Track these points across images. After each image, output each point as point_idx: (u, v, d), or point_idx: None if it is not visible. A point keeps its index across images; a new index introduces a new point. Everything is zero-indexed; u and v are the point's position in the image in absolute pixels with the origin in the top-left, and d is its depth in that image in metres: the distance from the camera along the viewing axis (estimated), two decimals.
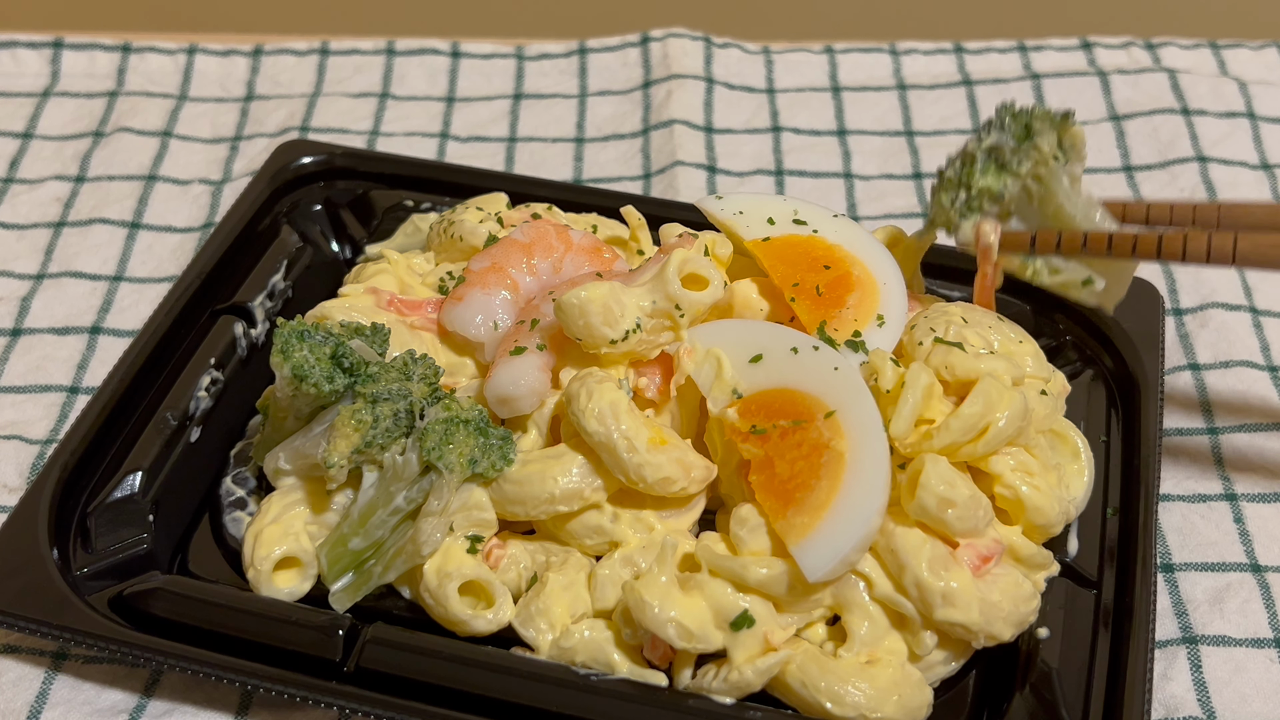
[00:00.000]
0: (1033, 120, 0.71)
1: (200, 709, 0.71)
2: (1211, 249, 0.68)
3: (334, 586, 0.71)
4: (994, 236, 0.71)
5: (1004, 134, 0.71)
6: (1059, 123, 0.72)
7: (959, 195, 0.71)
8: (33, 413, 0.86)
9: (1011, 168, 0.70)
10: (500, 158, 1.06)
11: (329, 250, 0.92)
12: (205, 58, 1.14)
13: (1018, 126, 0.71)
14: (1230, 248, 0.68)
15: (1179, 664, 0.73)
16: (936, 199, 0.73)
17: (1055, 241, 0.71)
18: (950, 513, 0.67)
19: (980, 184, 0.71)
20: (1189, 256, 0.69)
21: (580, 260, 0.80)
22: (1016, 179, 0.70)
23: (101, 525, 0.73)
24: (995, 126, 0.71)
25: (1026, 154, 0.70)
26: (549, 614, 0.69)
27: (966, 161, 0.71)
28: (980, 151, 0.71)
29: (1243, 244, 0.67)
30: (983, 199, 0.71)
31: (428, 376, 0.72)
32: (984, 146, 0.71)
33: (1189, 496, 0.81)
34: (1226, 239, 0.68)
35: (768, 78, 1.13)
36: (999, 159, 0.70)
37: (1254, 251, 0.67)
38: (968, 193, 0.71)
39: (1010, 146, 0.70)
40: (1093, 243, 0.70)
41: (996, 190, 0.70)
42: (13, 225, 1.00)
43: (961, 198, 0.71)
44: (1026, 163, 0.70)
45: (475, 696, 0.66)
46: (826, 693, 0.65)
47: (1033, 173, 0.70)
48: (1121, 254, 0.70)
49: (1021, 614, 0.68)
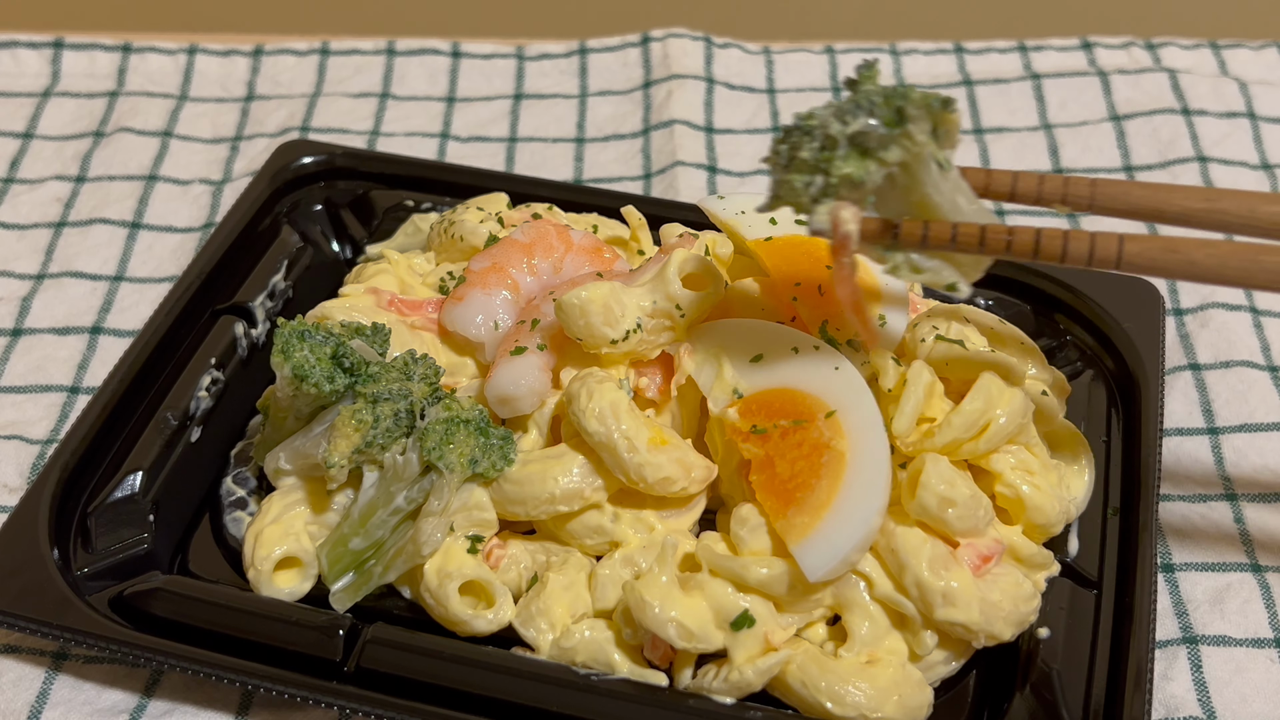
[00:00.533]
0: (907, 105, 0.61)
1: (200, 709, 0.71)
2: (1095, 252, 0.61)
3: (334, 586, 0.71)
4: (853, 225, 0.61)
5: (873, 120, 0.61)
6: (937, 110, 0.63)
7: (814, 180, 0.61)
8: (33, 413, 0.86)
9: (877, 154, 0.61)
10: (500, 158, 1.06)
11: (329, 250, 0.92)
12: (205, 58, 1.14)
13: (889, 110, 0.61)
14: (1115, 252, 0.60)
15: (1179, 664, 0.73)
16: (786, 179, 0.62)
17: (921, 234, 0.62)
18: (951, 512, 0.67)
19: (841, 171, 0.60)
20: (1069, 258, 0.61)
21: (581, 260, 0.80)
22: (882, 166, 0.61)
23: (102, 525, 0.73)
24: (862, 109, 0.61)
25: (896, 141, 0.61)
26: (549, 614, 0.69)
27: (827, 145, 0.61)
28: (843, 137, 0.61)
29: (1129, 247, 0.60)
30: (841, 186, 0.61)
31: (428, 376, 0.72)
32: (849, 132, 0.61)
33: (1189, 496, 0.81)
34: (1111, 241, 0.61)
35: (768, 78, 1.13)
36: (864, 144, 0.60)
37: (1140, 256, 0.61)
38: (825, 178, 0.61)
39: (879, 133, 0.60)
40: (963, 237, 0.61)
41: (858, 178, 0.60)
42: (13, 225, 1.00)
43: (818, 183, 0.61)
44: (895, 150, 0.61)
45: (475, 696, 0.66)
46: (827, 693, 0.65)
47: (900, 161, 0.61)
48: (994, 251, 0.62)
49: (1022, 614, 0.68)
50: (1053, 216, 0.99)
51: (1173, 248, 0.60)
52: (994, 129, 1.08)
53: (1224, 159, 1.03)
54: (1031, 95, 1.11)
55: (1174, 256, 0.60)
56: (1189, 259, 0.60)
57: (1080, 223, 0.99)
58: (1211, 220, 0.63)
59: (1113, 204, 0.64)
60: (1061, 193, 0.65)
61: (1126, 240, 0.61)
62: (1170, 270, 0.61)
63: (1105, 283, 0.86)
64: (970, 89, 1.12)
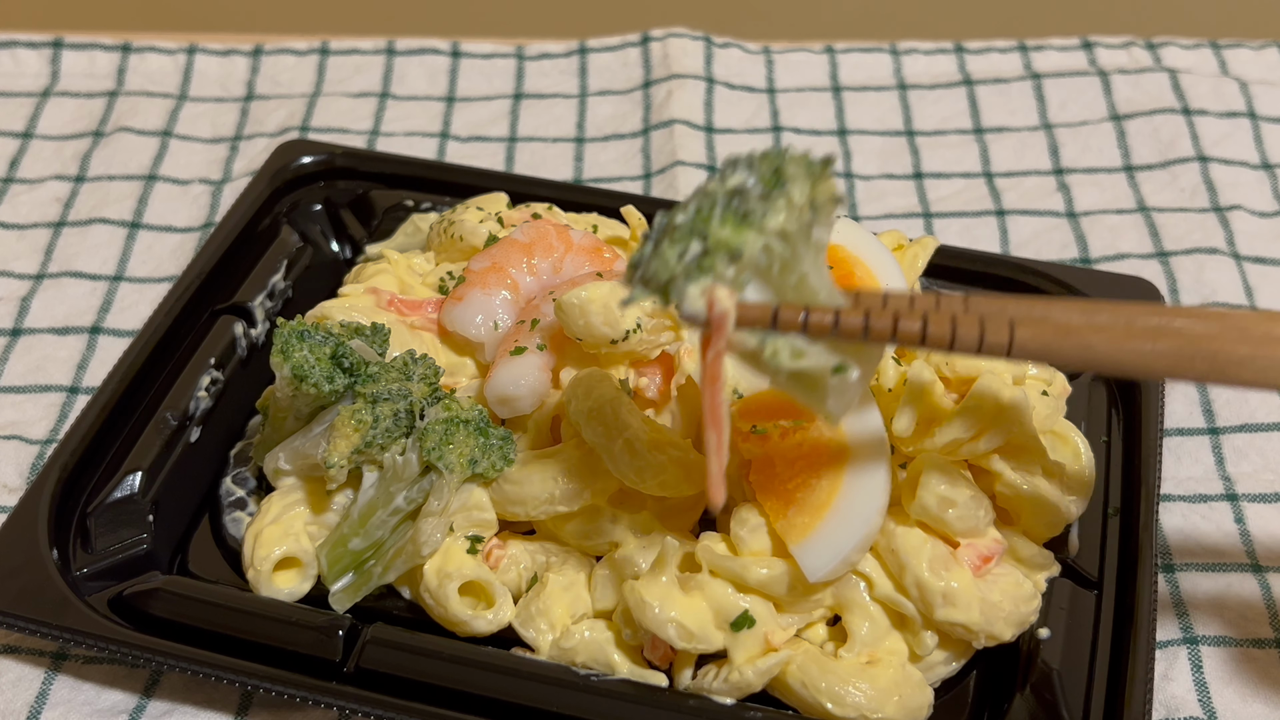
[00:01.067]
0: (785, 164, 0.57)
1: (200, 709, 0.71)
2: (985, 339, 0.57)
3: (334, 587, 0.71)
4: (730, 303, 0.56)
5: (750, 175, 0.57)
6: (816, 170, 0.58)
7: (689, 248, 0.56)
8: (33, 413, 0.86)
9: (755, 220, 0.56)
10: (500, 158, 1.06)
11: (329, 250, 0.92)
12: (205, 57, 1.14)
13: (766, 168, 0.57)
14: (1006, 339, 0.57)
15: (1180, 664, 0.73)
16: (659, 251, 0.57)
17: (801, 318, 0.56)
18: (951, 512, 0.67)
19: (718, 234, 0.56)
20: (958, 345, 0.57)
21: (580, 260, 0.80)
22: (760, 235, 0.56)
23: (101, 525, 0.73)
24: (741, 166, 0.58)
25: (774, 204, 0.56)
26: (549, 614, 0.69)
27: (704, 207, 0.56)
28: (722, 193, 0.56)
29: (1021, 333, 0.57)
30: (717, 257, 0.56)
31: (428, 376, 0.72)
32: (727, 188, 0.57)
33: (1189, 496, 0.81)
34: (1002, 327, 0.57)
35: (768, 77, 1.13)
36: (742, 206, 0.56)
37: (1033, 342, 0.57)
38: (702, 243, 0.56)
39: (757, 192, 0.56)
40: (846, 323, 0.57)
41: (735, 246, 0.55)
42: (13, 225, 1.00)
43: (694, 250, 0.56)
44: (774, 216, 0.56)
45: (475, 697, 0.66)
46: (827, 693, 0.65)
47: (780, 229, 0.56)
48: (879, 338, 0.57)
49: (1022, 614, 0.68)
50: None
51: (1066, 333, 0.57)
52: (994, 129, 1.08)
53: (1224, 159, 1.03)
54: (1032, 95, 1.11)
55: (1068, 342, 0.57)
56: (1084, 343, 0.57)
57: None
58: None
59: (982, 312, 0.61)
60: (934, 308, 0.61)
61: (1018, 326, 0.57)
62: (1065, 356, 0.58)
63: (1105, 282, 0.86)
64: (970, 89, 1.12)
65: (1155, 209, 1.00)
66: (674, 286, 0.56)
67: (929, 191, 1.03)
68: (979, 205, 1.01)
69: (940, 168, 1.05)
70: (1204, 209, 1.00)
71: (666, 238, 0.57)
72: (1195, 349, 0.57)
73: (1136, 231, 0.98)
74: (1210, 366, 0.57)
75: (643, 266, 0.57)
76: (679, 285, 0.56)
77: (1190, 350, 0.57)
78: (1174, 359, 0.57)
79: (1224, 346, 0.57)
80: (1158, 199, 1.01)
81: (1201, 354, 0.57)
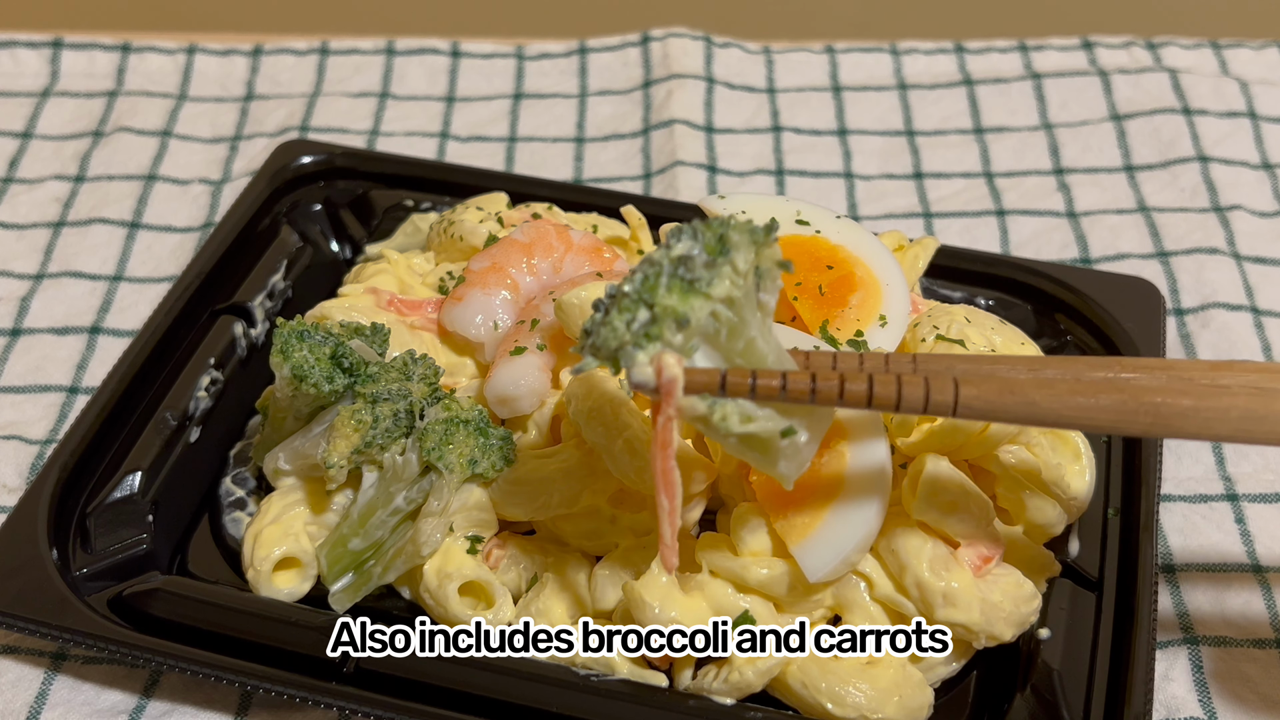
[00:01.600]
0: (729, 231, 0.58)
1: (200, 709, 0.70)
2: (930, 397, 0.57)
3: (334, 587, 0.71)
4: (678, 369, 0.56)
5: (695, 243, 0.58)
6: (760, 237, 0.58)
7: (637, 316, 0.57)
8: (32, 413, 0.86)
9: (701, 287, 0.57)
10: (500, 158, 1.06)
11: (329, 250, 0.92)
12: (205, 57, 1.14)
13: (710, 236, 0.58)
14: (951, 397, 0.57)
15: (1180, 664, 0.73)
16: (607, 320, 0.58)
17: (749, 383, 0.57)
18: (951, 512, 0.67)
19: (665, 302, 0.57)
20: (904, 405, 0.58)
21: (580, 260, 0.80)
22: (706, 301, 0.57)
23: (101, 525, 0.73)
24: (686, 234, 0.58)
25: (719, 271, 0.57)
26: (549, 614, 0.69)
27: (650, 275, 0.57)
28: (668, 261, 0.57)
29: (965, 391, 0.57)
30: (665, 324, 0.57)
31: (428, 376, 0.72)
32: (673, 255, 0.57)
33: (1189, 496, 0.81)
34: (947, 385, 0.58)
35: (768, 77, 1.13)
36: (688, 274, 0.57)
37: (977, 400, 0.57)
38: (650, 311, 0.57)
39: (702, 260, 0.57)
40: (793, 387, 0.57)
41: (682, 313, 0.56)
42: (12, 225, 1.00)
43: (641, 318, 0.57)
44: (719, 283, 0.57)
45: (475, 696, 0.66)
46: (827, 693, 0.65)
47: (726, 296, 0.57)
48: (826, 400, 0.58)
49: (1022, 614, 0.68)
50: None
51: (1010, 389, 0.58)
52: (994, 129, 1.08)
53: (1224, 159, 1.03)
54: (1032, 95, 1.11)
55: (1012, 398, 0.57)
56: (1028, 399, 0.57)
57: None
58: None
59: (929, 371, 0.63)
60: (883, 369, 0.63)
61: (962, 384, 0.58)
62: (1009, 413, 0.58)
63: (1105, 283, 0.86)
64: (970, 89, 1.12)
65: (1155, 209, 1.00)
66: (623, 354, 0.57)
67: (929, 191, 1.03)
68: (979, 205, 1.01)
69: (940, 168, 1.05)
70: (1204, 209, 1.00)
71: (615, 306, 0.58)
72: (1139, 403, 0.57)
73: (1137, 231, 0.98)
74: (1154, 420, 0.57)
75: (593, 335, 0.58)
76: (628, 352, 0.57)
77: (1134, 405, 0.57)
78: (1117, 414, 0.57)
79: (1167, 399, 0.57)
80: (1158, 199, 1.01)
81: (1144, 408, 0.57)
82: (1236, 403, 0.57)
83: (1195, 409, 0.57)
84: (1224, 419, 0.57)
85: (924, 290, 0.86)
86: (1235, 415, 0.56)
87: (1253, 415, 0.56)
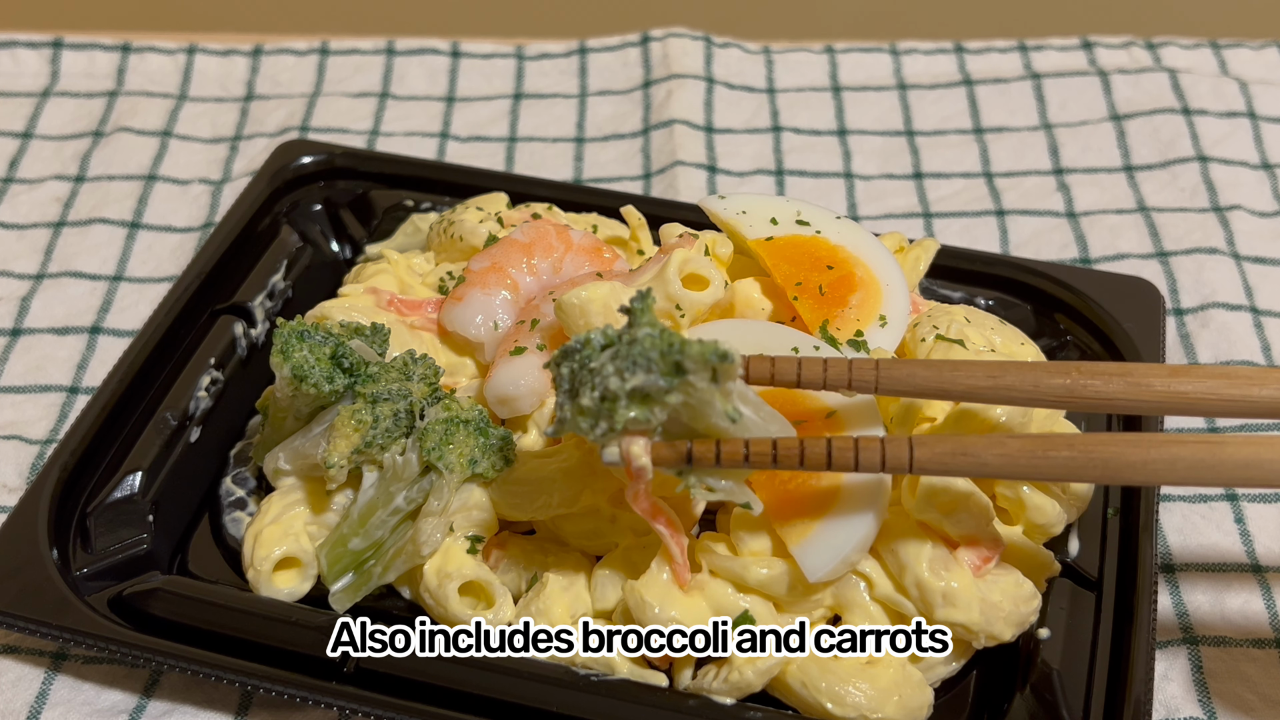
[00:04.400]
0: (684, 359, 0.59)
1: (200, 709, 0.71)
2: (886, 459, 0.60)
3: (334, 587, 0.71)
4: (645, 458, 0.61)
5: (651, 375, 0.60)
6: (716, 362, 0.60)
7: (599, 425, 0.61)
8: (32, 413, 0.86)
9: (658, 398, 0.60)
10: (500, 158, 1.06)
11: (329, 250, 0.92)
12: (205, 57, 1.14)
13: (666, 365, 0.60)
14: (906, 458, 0.60)
15: (1179, 664, 0.73)
16: (574, 419, 0.61)
17: (714, 455, 0.61)
18: (951, 513, 0.67)
19: (624, 415, 0.60)
20: (862, 466, 0.61)
21: (580, 260, 0.80)
22: (665, 409, 0.60)
23: (101, 525, 0.73)
24: (640, 366, 0.60)
25: (676, 390, 0.60)
26: (549, 614, 0.69)
27: (608, 397, 0.60)
28: (623, 393, 0.60)
29: (920, 452, 0.60)
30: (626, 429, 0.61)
31: (428, 376, 0.72)
32: (628, 388, 0.60)
33: (1189, 497, 0.81)
34: (902, 447, 0.60)
35: (768, 78, 1.13)
36: (645, 392, 0.60)
37: (932, 461, 0.60)
38: (609, 423, 0.60)
39: (659, 387, 0.60)
40: (755, 455, 0.61)
41: (643, 419, 0.60)
42: (12, 225, 1.00)
43: (603, 427, 0.61)
44: (676, 395, 0.60)
45: (475, 696, 0.66)
46: (827, 693, 0.65)
47: (682, 402, 0.60)
48: (788, 465, 0.61)
49: (1022, 614, 0.68)
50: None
51: (963, 450, 0.60)
52: (994, 129, 1.08)
53: (1224, 159, 1.03)
54: (1031, 95, 1.11)
55: (965, 459, 0.60)
56: (979, 460, 0.60)
57: None
58: (996, 396, 0.63)
59: (898, 385, 0.64)
60: (847, 377, 0.64)
61: (916, 445, 0.60)
62: (962, 471, 0.61)
63: (1105, 283, 0.86)
64: (970, 89, 1.12)
65: (1155, 209, 1.00)
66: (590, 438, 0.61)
67: (929, 191, 1.03)
68: (979, 205, 1.01)
69: (940, 168, 1.05)
70: (1204, 209, 1.00)
71: (576, 411, 0.61)
72: (1089, 458, 0.59)
73: (1136, 231, 0.98)
74: (1104, 473, 0.59)
75: (560, 412, 0.62)
76: (597, 440, 0.61)
77: (1083, 460, 0.59)
78: (1068, 468, 0.60)
79: (1117, 452, 0.59)
80: (1158, 199, 1.01)
81: (1094, 463, 0.59)
82: (1184, 453, 0.58)
83: (1144, 461, 0.58)
84: (1171, 469, 0.58)
85: (924, 290, 0.86)
86: (1183, 466, 0.58)
87: (1201, 464, 0.58)
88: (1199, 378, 0.62)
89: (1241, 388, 0.61)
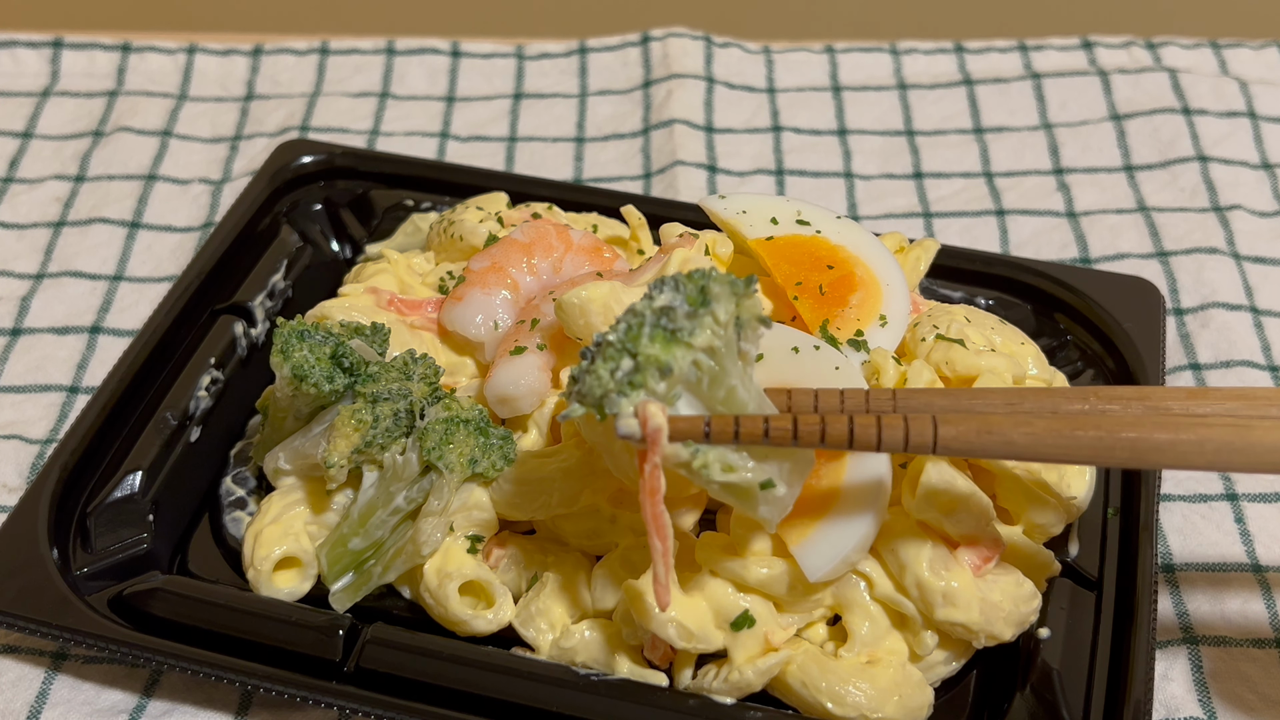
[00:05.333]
0: (710, 283, 0.60)
1: (200, 709, 0.71)
2: (909, 438, 0.59)
3: (334, 586, 0.71)
4: (662, 418, 0.58)
5: (677, 295, 0.59)
6: (740, 289, 0.60)
7: (620, 364, 0.58)
8: (32, 413, 0.86)
9: (683, 337, 0.58)
10: (500, 157, 1.06)
11: (329, 250, 0.92)
12: (205, 57, 1.14)
13: (692, 288, 0.59)
14: (930, 437, 0.59)
15: (1179, 664, 0.73)
16: (592, 369, 0.59)
17: (733, 429, 0.59)
18: (951, 512, 0.67)
19: (648, 351, 0.58)
20: (885, 445, 0.59)
21: (580, 260, 0.80)
22: (688, 350, 0.59)
23: (101, 525, 0.73)
24: (668, 286, 0.60)
25: (701, 322, 0.59)
26: (549, 614, 0.69)
27: (634, 324, 0.59)
28: (650, 312, 0.59)
29: (944, 430, 0.59)
30: (648, 372, 0.58)
31: (428, 376, 0.72)
32: (655, 306, 0.59)
33: (1189, 496, 0.81)
34: (926, 424, 0.59)
35: (768, 77, 1.13)
36: (670, 324, 0.59)
37: (956, 440, 0.59)
38: (633, 360, 0.58)
39: (684, 311, 0.59)
40: (775, 431, 0.59)
41: (665, 362, 0.58)
42: (12, 225, 1.00)
43: (625, 367, 0.58)
44: (700, 333, 0.59)
45: (475, 696, 0.66)
46: (827, 693, 0.65)
47: (707, 345, 0.59)
48: (809, 442, 0.59)
49: (1022, 614, 0.68)
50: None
51: (988, 428, 0.59)
52: (994, 129, 1.08)
53: (1224, 159, 1.03)
54: (1032, 95, 1.11)
55: (990, 438, 0.59)
56: (1006, 439, 0.59)
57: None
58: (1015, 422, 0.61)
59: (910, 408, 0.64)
60: (864, 405, 0.64)
61: (941, 423, 0.59)
62: (987, 451, 0.59)
63: (1106, 283, 0.86)
64: (970, 89, 1.12)
65: (1155, 209, 1.00)
66: (607, 401, 0.58)
67: (929, 191, 1.03)
68: (979, 205, 1.01)
69: (940, 168, 1.05)
70: (1204, 209, 1.00)
71: (600, 355, 0.59)
72: (1115, 439, 0.58)
73: (1136, 231, 0.98)
74: (1131, 454, 0.58)
75: (579, 382, 0.60)
76: (612, 400, 0.58)
77: (1110, 440, 0.58)
78: (1094, 449, 0.58)
79: (1144, 434, 0.58)
80: (1158, 199, 1.01)
81: (1121, 443, 0.58)
82: (1212, 435, 0.57)
83: (1172, 443, 0.58)
84: (1199, 451, 0.58)
85: (924, 290, 0.87)
86: (1211, 448, 0.57)
87: (1229, 447, 0.57)
88: (1217, 400, 0.61)
89: (1261, 409, 0.61)
